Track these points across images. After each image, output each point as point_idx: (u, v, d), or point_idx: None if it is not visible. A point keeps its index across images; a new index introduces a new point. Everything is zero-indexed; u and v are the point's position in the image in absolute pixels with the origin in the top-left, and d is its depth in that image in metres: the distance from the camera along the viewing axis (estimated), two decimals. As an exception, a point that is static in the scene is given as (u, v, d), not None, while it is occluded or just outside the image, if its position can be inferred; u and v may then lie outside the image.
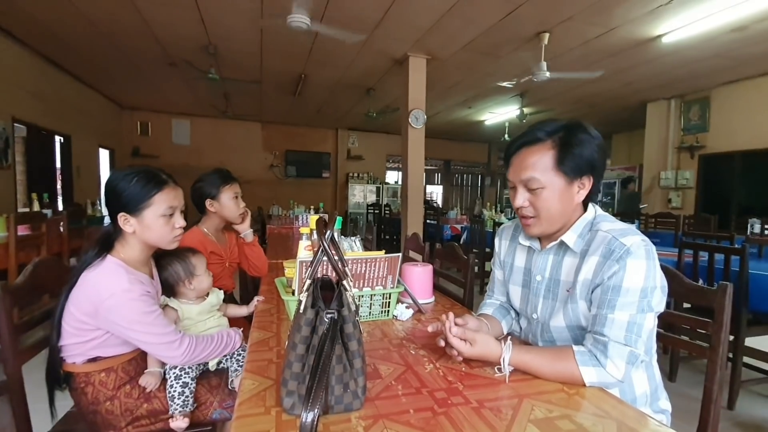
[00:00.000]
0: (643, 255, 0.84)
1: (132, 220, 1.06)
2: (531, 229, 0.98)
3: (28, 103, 4.84)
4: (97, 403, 1.04)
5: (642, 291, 0.83)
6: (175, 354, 1.03)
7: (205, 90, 6.42)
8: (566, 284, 0.96)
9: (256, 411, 0.70)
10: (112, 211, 1.06)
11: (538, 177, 0.92)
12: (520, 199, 0.96)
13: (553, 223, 0.96)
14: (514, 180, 0.98)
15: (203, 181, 1.71)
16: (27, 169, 4.98)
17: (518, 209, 0.98)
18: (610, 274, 0.85)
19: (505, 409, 0.73)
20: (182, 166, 8.30)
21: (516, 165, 0.97)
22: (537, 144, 0.94)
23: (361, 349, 0.73)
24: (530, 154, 0.94)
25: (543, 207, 0.94)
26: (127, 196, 1.05)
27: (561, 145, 0.92)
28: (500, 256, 1.18)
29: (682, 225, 4.84)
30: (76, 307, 0.99)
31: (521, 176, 0.95)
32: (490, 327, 1.07)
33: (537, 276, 1.02)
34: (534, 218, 0.96)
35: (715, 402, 1.00)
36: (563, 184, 0.93)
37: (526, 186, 0.95)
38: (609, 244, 0.87)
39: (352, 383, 0.71)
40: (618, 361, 0.81)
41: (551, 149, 0.92)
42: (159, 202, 1.07)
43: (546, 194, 0.93)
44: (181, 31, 4.28)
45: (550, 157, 0.92)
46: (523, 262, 1.10)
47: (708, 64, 4.94)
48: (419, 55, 4.79)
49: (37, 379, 1.04)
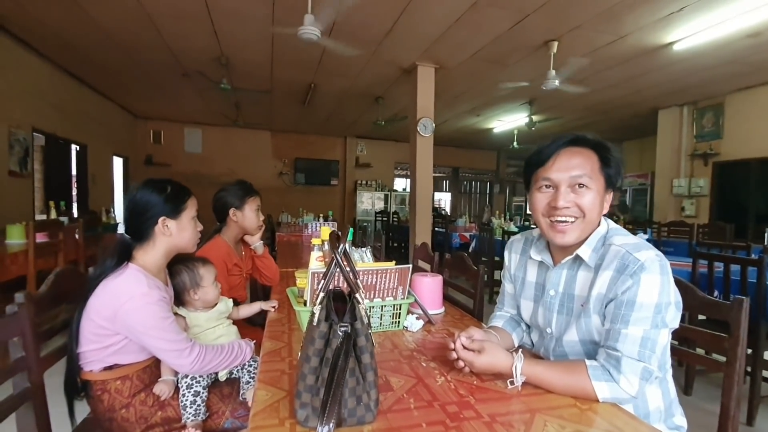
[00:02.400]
0: (657, 270, 0.83)
1: (171, 223, 1.13)
2: (567, 235, 0.93)
3: (47, 112, 4.98)
4: (113, 411, 1.06)
5: (656, 306, 0.82)
6: (184, 362, 1.05)
7: (217, 99, 6.54)
8: (580, 299, 0.95)
9: (271, 422, 0.71)
10: (150, 217, 1.10)
11: (590, 176, 0.91)
12: (565, 199, 0.91)
13: (588, 229, 0.93)
14: (558, 178, 0.92)
15: (228, 191, 1.75)
16: (44, 177, 5.11)
17: (559, 210, 0.92)
18: (623, 289, 0.84)
19: (517, 424, 0.73)
20: (194, 174, 8.44)
21: (560, 163, 0.92)
22: (582, 146, 0.94)
23: (373, 362, 0.74)
24: (577, 154, 0.92)
25: (588, 208, 0.91)
26: (169, 200, 1.13)
27: (603, 150, 0.93)
28: (510, 270, 1.17)
29: (696, 234, 4.76)
30: (96, 314, 1.02)
31: (570, 173, 0.91)
32: (500, 339, 1.06)
33: (550, 291, 1.01)
34: (576, 221, 0.92)
35: (732, 418, 0.98)
36: (603, 190, 0.93)
37: (573, 185, 0.91)
38: (623, 258, 0.86)
39: (364, 396, 0.72)
40: (631, 376, 0.81)
41: (595, 153, 0.93)
42: (191, 206, 1.19)
43: (591, 195, 0.91)
44: (194, 43, 4.38)
45: (596, 159, 0.92)
46: (535, 276, 1.08)
47: (722, 71, 4.88)
48: (428, 64, 4.83)
49: (53, 385, 1.06)
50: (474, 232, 5.59)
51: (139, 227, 1.11)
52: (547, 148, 0.96)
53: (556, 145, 0.95)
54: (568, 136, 0.96)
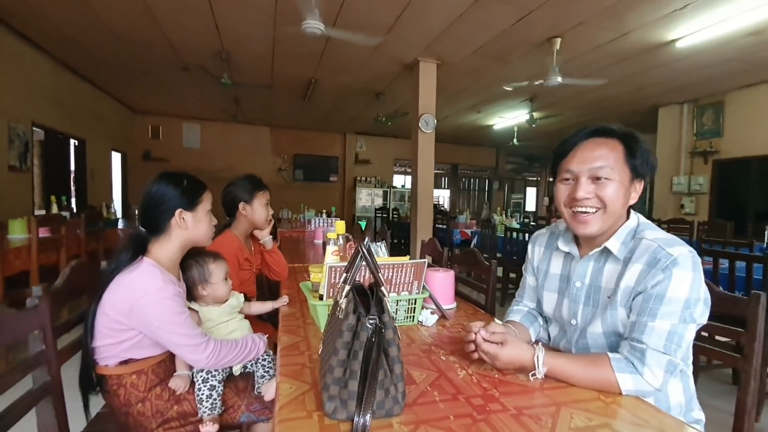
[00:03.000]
0: (689, 266, 0.83)
1: (188, 215, 1.13)
2: (589, 226, 0.93)
3: (46, 107, 4.94)
4: (129, 405, 1.06)
5: (686, 302, 0.82)
6: (200, 357, 1.05)
7: (217, 94, 6.50)
8: (607, 291, 0.94)
9: (298, 415, 0.71)
10: (167, 209, 1.10)
11: (612, 166, 0.90)
12: (585, 190, 0.92)
13: (610, 220, 0.93)
14: (578, 170, 0.93)
15: (237, 185, 1.74)
16: (44, 171, 5.07)
17: (578, 202, 0.93)
18: (654, 283, 0.83)
19: (544, 417, 0.73)
20: (192, 169, 8.19)
21: (582, 154, 0.93)
22: (606, 137, 0.93)
23: (400, 355, 0.74)
24: (600, 145, 0.92)
25: (610, 199, 0.90)
26: (186, 193, 1.13)
27: (629, 141, 0.92)
28: (533, 262, 1.17)
29: (697, 231, 4.79)
30: (111, 308, 1.01)
31: (591, 164, 0.91)
32: (517, 333, 1.07)
33: (576, 282, 1.00)
34: (597, 212, 0.92)
35: (749, 413, 0.99)
36: (628, 180, 0.92)
37: (594, 176, 0.91)
38: (655, 252, 0.85)
39: (392, 388, 0.71)
40: (656, 369, 0.81)
41: (619, 144, 0.92)
42: (206, 200, 1.19)
43: (613, 187, 0.90)
44: (195, 37, 4.34)
45: (620, 150, 0.91)
46: (560, 268, 1.08)
47: (723, 68, 4.90)
48: (430, 60, 4.81)
49: (67, 380, 1.05)
50: (475, 229, 5.60)
51: (156, 220, 1.10)
52: (570, 139, 0.97)
53: (578, 136, 0.96)
54: (591, 127, 0.96)
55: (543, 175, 13.20)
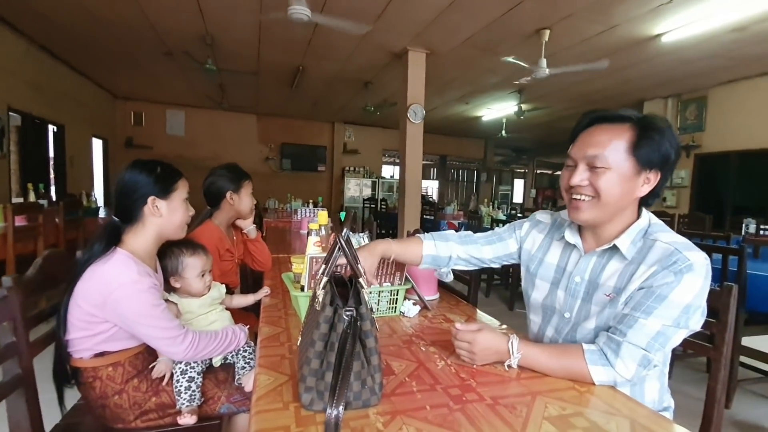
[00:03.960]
0: (702, 274, 0.81)
1: (162, 203, 1.10)
2: (582, 213, 0.91)
3: (23, 91, 4.75)
4: (105, 397, 1.04)
5: (686, 307, 0.80)
6: (177, 350, 1.03)
7: (201, 81, 6.35)
8: (606, 288, 0.91)
9: (275, 406, 0.71)
10: (140, 196, 1.07)
11: (606, 155, 0.86)
12: (579, 177, 0.89)
13: (606, 211, 0.90)
14: (576, 156, 0.91)
15: (222, 175, 1.70)
16: (21, 158, 4.91)
17: (573, 188, 0.91)
18: (660, 283, 0.81)
19: (519, 406, 0.74)
20: (176, 157, 8.21)
21: (583, 141, 0.91)
22: (614, 123, 0.89)
23: (377, 346, 0.74)
24: (603, 132, 0.89)
25: (604, 189, 0.87)
26: (159, 180, 1.10)
27: (641, 128, 0.86)
28: (524, 241, 1.15)
29: (677, 224, 4.90)
30: (84, 300, 0.98)
31: (586, 152, 0.89)
32: (401, 248, 1.13)
33: (576, 277, 0.98)
34: (590, 200, 0.90)
35: (719, 401, 1.02)
36: (630, 171, 0.87)
37: (590, 164, 0.88)
38: (671, 255, 0.82)
39: (369, 380, 0.72)
40: (629, 361, 0.82)
41: (629, 131, 0.87)
42: (182, 188, 1.16)
43: (609, 176, 0.87)
44: (178, 21, 4.21)
45: (626, 138, 0.86)
46: (557, 259, 1.05)
47: (706, 64, 4.97)
48: (419, 49, 4.77)
49: (41, 372, 1.03)
50: (462, 220, 5.63)
51: (128, 207, 1.07)
52: (578, 124, 0.95)
53: (584, 122, 0.94)
54: (598, 112, 0.92)
55: (530, 167, 13.32)
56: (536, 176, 13.53)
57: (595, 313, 0.93)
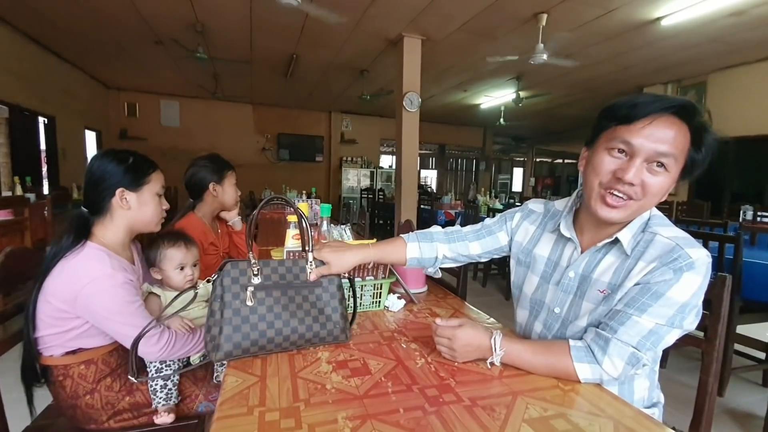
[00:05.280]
0: (702, 272, 0.76)
1: (131, 196, 1.05)
2: (615, 213, 0.80)
3: (10, 82, 4.66)
4: (75, 397, 1.00)
5: (682, 306, 0.76)
6: (152, 350, 0.99)
7: (194, 70, 6.24)
8: (599, 284, 0.86)
9: (238, 411, 0.67)
10: (107, 187, 1.02)
11: (677, 157, 0.76)
12: (635, 174, 0.76)
13: (637, 215, 0.83)
14: (640, 146, 0.76)
15: (203, 166, 1.65)
16: (11, 151, 4.83)
17: (622, 185, 0.78)
18: (658, 279, 0.76)
19: (498, 408, 0.70)
20: (171, 149, 8.15)
21: (653, 129, 0.75)
22: (681, 117, 0.76)
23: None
24: (674, 126, 0.75)
25: (653, 192, 0.78)
26: (129, 171, 1.05)
27: (699, 131, 0.77)
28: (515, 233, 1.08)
29: (675, 211, 4.86)
30: (54, 296, 0.94)
31: (658, 147, 0.75)
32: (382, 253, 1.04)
33: (570, 272, 0.92)
34: (632, 202, 0.80)
35: (710, 394, 0.98)
36: (677, 176, 0.79)
37: (653, 160, 0.76)
38: (672, 251, 0.77)
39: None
40: (616, 359, 0.78)
41: (689, 132, 0.77)
42: (155, 181, 1.11)
43: (665, 179, 0.77)
44: (166, 7, 4.11)
45: (688, 140, 0.77)
46: (548, 251, 0.99)
47: (705, 49, 4.87)
48: (414, 35, 4.66)
49: (6, 370, 0.99)
50: (460, 210, 5.58)
51: (95, 198, 1.03)
52: (643, 104, 0.76)
53: (659, 104, 0.76)
54: (677, 100, 0.77)
55: (530, 156, 13.22)
56: (535, 165, 13.43)
57: (587, 309, 0.88)
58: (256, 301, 0.85)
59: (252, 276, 0.86)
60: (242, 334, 0.83)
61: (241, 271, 0.86)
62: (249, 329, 0.84)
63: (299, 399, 0.71)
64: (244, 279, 0.86)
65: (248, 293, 0.85)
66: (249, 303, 0.84)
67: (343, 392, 0.74)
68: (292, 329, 0.87)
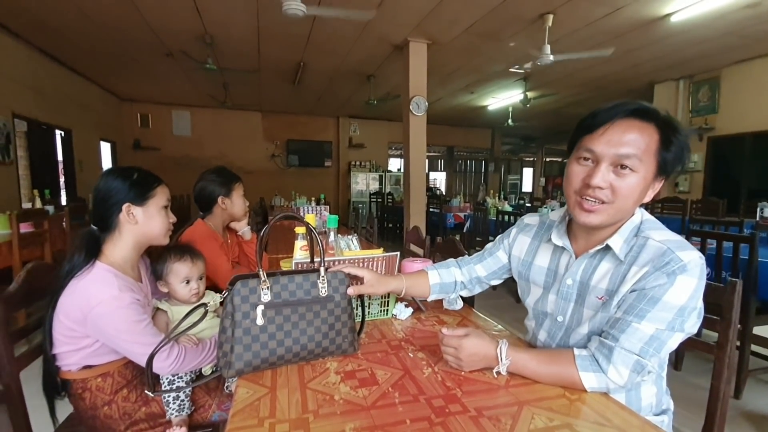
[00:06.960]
0: (696, 274, 0.76)
1: (137, 210, 1.08)
2: (592, 217, 0.83)
3: (27, 97, 4.82)
4: (95, 408, 1.04)
5: (680, 309, 0.76)
6: (162, 365, 1.01)
7: (204, 80, 6.36)
8: (597, 291, 0.87)
9: (250, 423, 0.69)
10: (114, 203, 1.05)
11: (640, 157, 0.78)
12: (602, 177, 0.80)
13: (617, 217, 0.84)
14: (602, 152, 0.80)
15: (212, 180, 1.69)
16: (30, 164, 4.99)
17: (591, 189, 0.81)
18: (653, 284, 0.77)
19: (504, 418, 0.71)
20: (183, 157, 8.30)
21: (611, 135, 0.79)
22: (643, 119, 0.79)
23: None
24: (635, 128, 0.79)
25: (624, 194, 0.80)
26: (135, 186, 1.08)
27: (668, 129, 0.79)
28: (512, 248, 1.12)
29: (690, 210, 4.77)
30: (65, 315, 0.97)
31: (618, 150, 0.78)
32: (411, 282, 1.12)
33: (568, 280, 0.93)
34: (605, 205, 0.82)
35: (722, 400, 0.97)
36: (651, 176, 0.81)
37: (617, 163, 0.79)
38: (664, 255, 0.78)
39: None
40: (621, 368, 0.78)
41: (656, 132, 0.79)
42: (161, 194, 1.13)
43: (634, 180, 0.79)
44: (175, 21, 4.20)
45: (655, 140, 0.79)
46: (547, 262, 1.01)
47: (718, 43, 4.78)
48: (419, 40, 4.68)
49: (33, 383, 1.03)
50: (468, 212, 5.57)
51: (103, 215, 1.06)
52: (602, 113, 0.82)
53: (614, 111, 0.81)
54: (631, 104, 0.80)
55: (539, 156, 13.10)
56: (545, 164, 13.30)
57: (588, 316, 0.89)
58: (266, 320, 0.86)
59: (262, 294, 0.87)
60: (252, 353, 0.84)
61: (251, 290, 0.86)
62: (259, 348, 0.85)
63: (308, 410, 0.73)
64: (254, 297, 0.86)
65: (258, 312, 0.85)
66: (259, 322, 0.85)
67: (351, 403, 0.76)
68: (301, 346, 0.88)
